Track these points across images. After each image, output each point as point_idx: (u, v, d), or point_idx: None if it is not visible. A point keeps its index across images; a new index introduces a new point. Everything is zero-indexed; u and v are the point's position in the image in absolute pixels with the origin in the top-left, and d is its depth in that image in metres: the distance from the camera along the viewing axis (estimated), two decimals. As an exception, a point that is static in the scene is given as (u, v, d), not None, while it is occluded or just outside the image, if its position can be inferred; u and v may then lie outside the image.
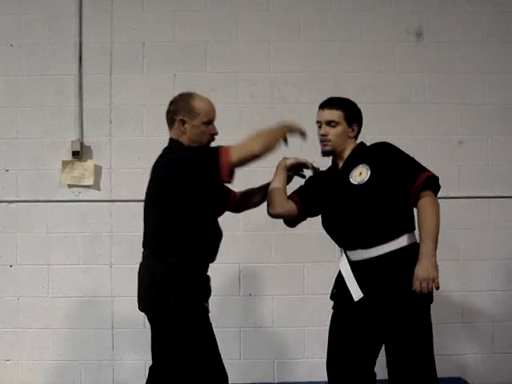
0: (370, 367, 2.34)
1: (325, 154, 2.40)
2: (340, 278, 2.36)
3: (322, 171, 2.52)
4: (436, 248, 2.17)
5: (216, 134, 2.38)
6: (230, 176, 2.15)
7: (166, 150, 2.35)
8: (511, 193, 3.61)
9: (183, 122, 2.30)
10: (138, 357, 3.44)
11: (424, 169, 2.27)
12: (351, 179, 2.30)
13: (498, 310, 3.58)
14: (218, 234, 2.36)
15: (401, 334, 2.20)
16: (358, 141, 2.43)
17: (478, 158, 3.63)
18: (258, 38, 3.62)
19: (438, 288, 2.16)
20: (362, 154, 2.36)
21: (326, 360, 2.38)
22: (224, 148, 2.15)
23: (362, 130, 2.43)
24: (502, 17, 3.65)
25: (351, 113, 2.38)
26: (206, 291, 2.29)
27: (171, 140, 2.37)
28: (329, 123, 2.35)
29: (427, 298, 2.21)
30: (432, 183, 2.24)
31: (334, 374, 2.35)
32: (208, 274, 2.32)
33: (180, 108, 2.32)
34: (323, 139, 2.37)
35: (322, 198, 2.42)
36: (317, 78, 3.59)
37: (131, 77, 3.59)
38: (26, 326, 3.51)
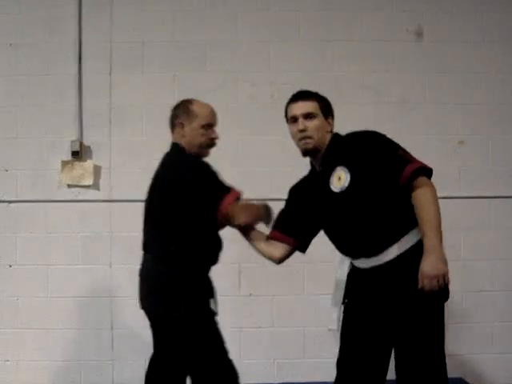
0: (382, 372, 2.14)
1: (307, 152, 2.14)
2: (350, 280, 2.19)
3: (302, 180, 2.31)
4: (441, 238, 1.93)
5: (216, 138, 2.45)
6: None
7: (168, 156, 2.44)
8: (511, 193, 3.61)
9: (182, 126, 2.41)
10: (137, 357, 3.43)
11: (407, 161, 1.99)
12: (332, 186, 2.08)
13: (498, 310, 3.58)
14: (220, 240, 2.43)
15: (412, 337, 1.99)
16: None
17: (478, 158, 3.63)
18: (258, 38, 3.62)
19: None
20: (339, 150, 2.11)
21: (336, 359, 2.22)
22: (229, 197, 2.25)
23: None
24: (502, 16, 3.65)
25: (325, 105, 2.17)
26: (211, 290, 2.38)
27: (173, 144, 2.46)
28: (306, 116, 2.10)
29: (442, 295, 1.98)
30: (421, 172, 1.99)
31: (344, 374, 2.17)
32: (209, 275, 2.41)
33: (180, 112, 2.44)
34: (303, 136, 2.10)
35: (311, 212, 2.21)
36: (317, 78, 3.57)
37: (131, 77, 3.58)
38: (25, 326, 3.50)
